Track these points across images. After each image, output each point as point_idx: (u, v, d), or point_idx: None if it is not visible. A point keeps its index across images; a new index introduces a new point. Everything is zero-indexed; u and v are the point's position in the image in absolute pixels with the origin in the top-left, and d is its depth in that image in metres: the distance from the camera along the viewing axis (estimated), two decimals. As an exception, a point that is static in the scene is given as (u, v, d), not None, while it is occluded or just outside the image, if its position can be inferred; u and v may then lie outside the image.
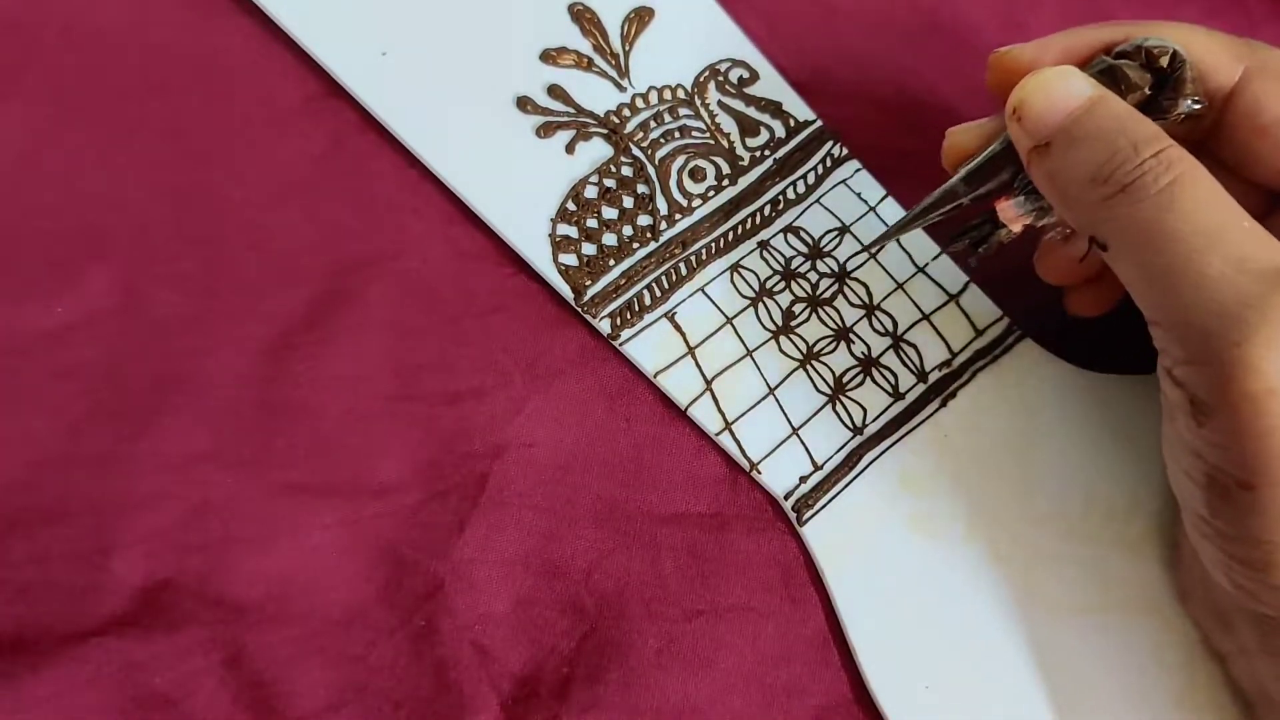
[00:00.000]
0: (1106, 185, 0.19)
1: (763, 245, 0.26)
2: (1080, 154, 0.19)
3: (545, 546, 0.23)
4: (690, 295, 0.25)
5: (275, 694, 0.21)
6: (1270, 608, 0.19)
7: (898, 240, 0.26)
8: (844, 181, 0.27)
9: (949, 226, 0.23)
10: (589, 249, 0.25)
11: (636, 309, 0.25)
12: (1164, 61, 0.20)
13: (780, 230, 0.26)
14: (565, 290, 0.25)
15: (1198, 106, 0.20)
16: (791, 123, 0.27)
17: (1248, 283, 0.17)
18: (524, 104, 0.26)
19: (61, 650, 0.20)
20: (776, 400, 0.24)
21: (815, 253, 0.26)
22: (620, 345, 0.25)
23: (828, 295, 0.26)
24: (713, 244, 0.26)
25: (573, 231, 0.25)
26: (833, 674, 0.23)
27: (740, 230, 0.26)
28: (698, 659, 0.22)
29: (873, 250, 0.26)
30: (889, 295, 0.26)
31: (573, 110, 0.26)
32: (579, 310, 0.25)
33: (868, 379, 0.25)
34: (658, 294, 0.25)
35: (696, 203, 0.26)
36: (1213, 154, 0.21)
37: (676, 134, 0.27)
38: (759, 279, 0.26)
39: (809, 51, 0.29)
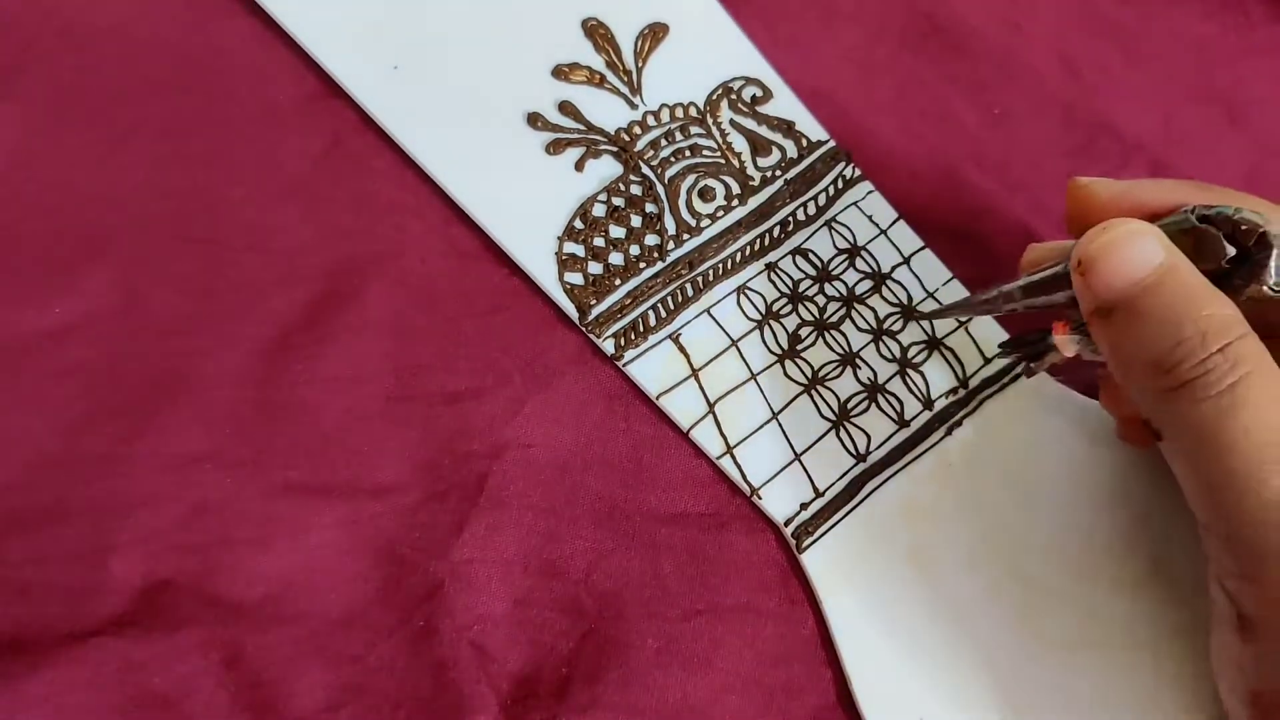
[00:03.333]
0: (1167, 376, 0.19)
1: (771, 267, 0.28)
2: (1143, 332, 0.20)
3: (544, 546, 0.26)
4: (696, 316, 0.28)
5: (274, 694, 0.23)
6: None
7: (908, 265, 0.29)
8: (856, 203, 0.30)
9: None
10: (595, 268, 0.28)
11: (641, 329, 0.27)
12: (1251, 240, 0.20)
13: (789, 252, 0.29)
14: (570, 309, 0.27)
15: (1275, 294, 0.20)
16: (804, 142, 0.30)
17: None
18: (534, 120, 0.29)
19: (60, 650, 0.23)
20: (780, 425, 0.27)
21: (824, 276, 0.28)
22: (624, 366, 0.27)
23: (835, 319, 0.28)
24: (720, 265, 0.28)
25: (579, 250, 0.28)
26: (831, 675, 0.25)
27: (748, 251, 0.29)
28: (696, 659, 0.25)
29: (916, 318, 0.28)
30: (897, 320, 0.28)
31: (583, 127, 0.29)
32: (582, 330, 0.27)
33: (873, 405, 0.27)
34: (663, 315, 0.27)
35: (705, 223, 0.29)
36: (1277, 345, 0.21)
37: (687, 152, 0.29)
38: (766, 301, 0.28)
39: (808, 52, 0.32)
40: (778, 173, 0.30)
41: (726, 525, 0.26)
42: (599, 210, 0.28)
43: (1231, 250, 0.21)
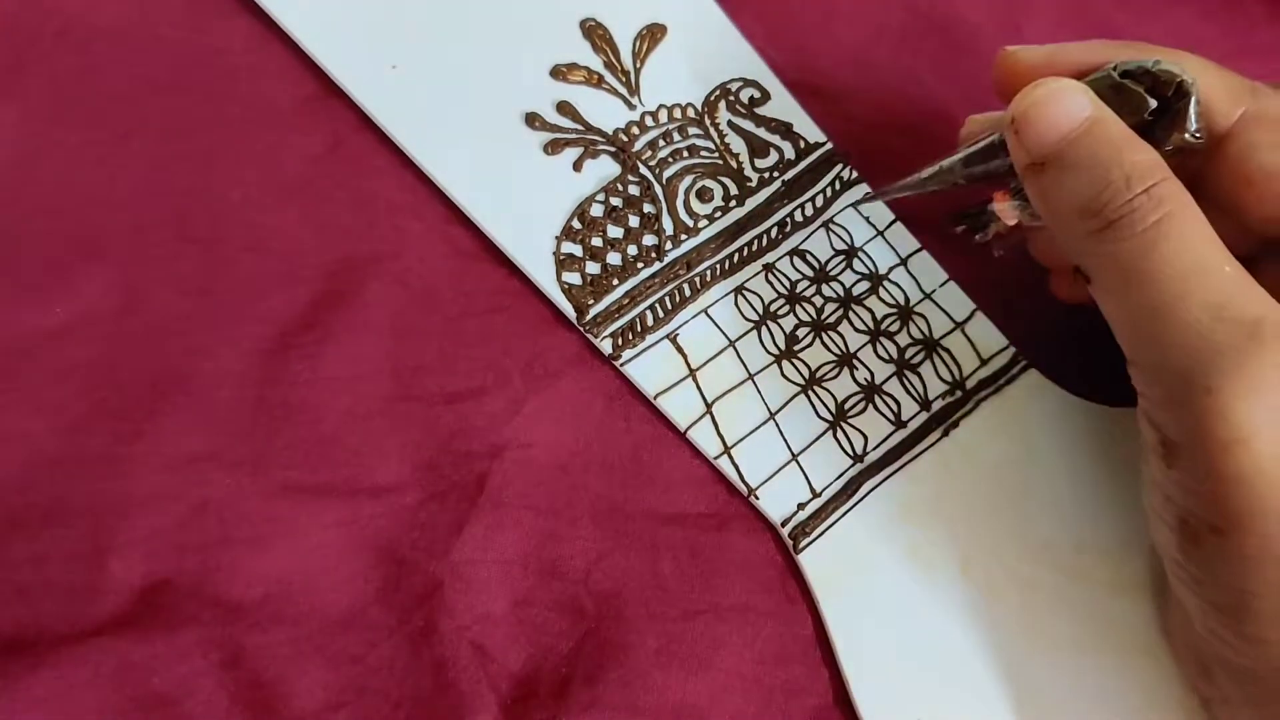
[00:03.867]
0: (1095, 219, 0.21)
1: (768, 268, 0.29)
2: (1073, 181, 0.21)
3: (544, 547, 0.26)
4: (693, 317, 0.28)
5: (274, 694, 0.23)
6: (1246, 658, 0.21)
7: (904, 267, 0.29)
8: (853, 205, 0.30)
9: (948, 206, 0.27)
10: (593, 268, 0.28)
11: (639, 329, 0.27)
12: (1170, 90, 0.22)
13: (786, 253, 0.29)
14: (568, 309, 0.28)
15: (1198, 140, 0.22)
16: (801, 144, 0.30)
17: (1224, 330, 0.19)
18: (532, 120, 0.29)
19: (60, 650, 0.23)
20: (777, 425, 0.27)
21: (821, 277, 0.29)
22: (621, 366, 0.27)
23: (832, 320, 0.28)
24: (718, 265, 0.28)
25: (577, 250, 0.28)
26: (830, 675, 0.25)
27: (746, 252, 0.29)
28: (696, 659, 0.25)
29: (858, 204, 0.29)
30: (894, 321, 0.28)
31: (581, 127, 0.29)
32: (581, 330, 0.27)
33: (870, 406, 0.28)
34: (660, 315, 0.28)
35: (703, 223, 0.29)
36: (1204, 191, 0.23)
37: (685, 153, 0.29)
38: (763, 302, 0.28)
39: (807, 52, 0.33)
40: (775, 174, 0.30)
41: (726, 525, 0.27)
42: (597, 210, 0.29)
43: (1154, 102, 0.22)
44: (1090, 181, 0.21)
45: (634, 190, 0.29)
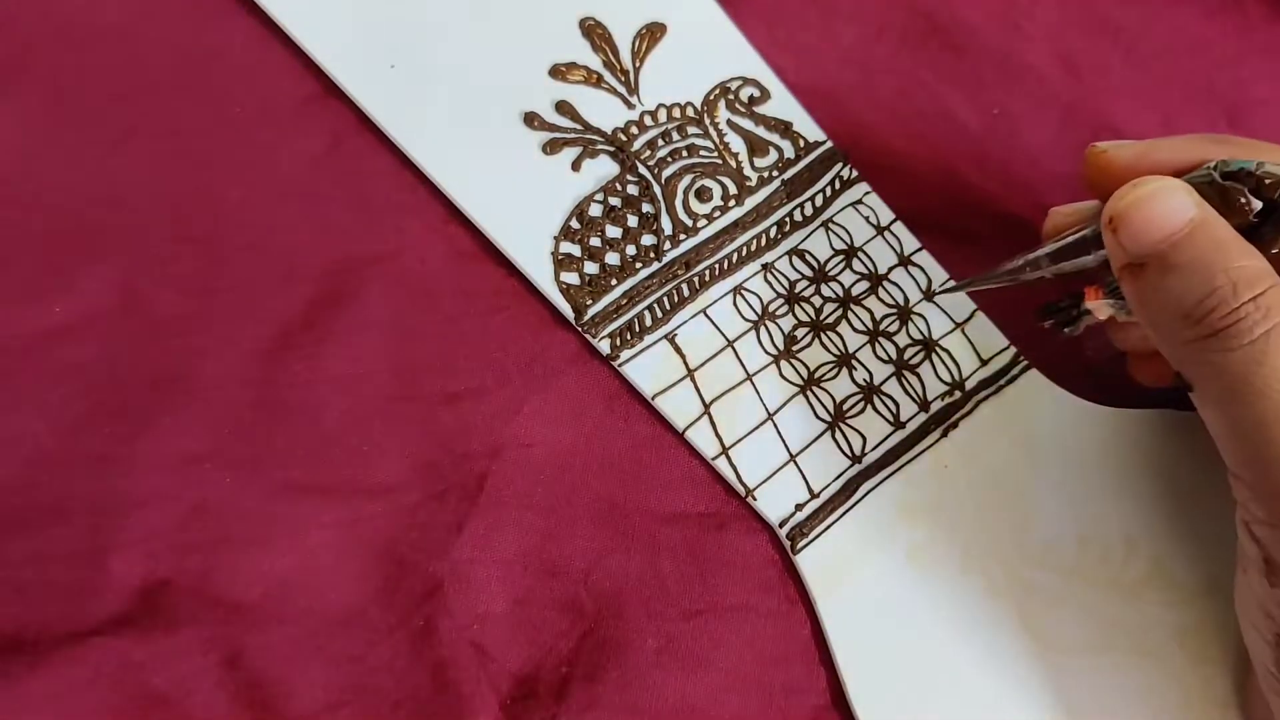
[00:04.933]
0: (1199, 326, 0.20)
1: (767, 268, 0.29)
2: (1175, 285, 0.20)
3: (544, 546, 0.26)
4: (692, 317, 0.28)
5: (274, 694, 0.24)
6: None
7: (905, 267, 0.29)
8: (853, 205, 0.30)
9: (1037, 296, 0.26)
10: (591, 268, 0.28)
11: (637, 330, 0.28)
12: (1276, 193, 0.21)
13: (785, 253, 0.29)
14: (566, 309, 0.28)
15: None
16: (801, 143, 0.30)
17: None
18: (531, 119, 0.29)
19: (60, 650, 0.23)
20: (775, 426, 0.27)
21: (820, 277, 0.29)
22: (619, 366, 0.27)
23: (831, 320, 0.28)
24: (716, 265, 0.29)
25: (575, 249, 0.28)
26: (830, 675, 0.26)
27: (745, 252, 0.29)
28: (696, 659, 0.25)
29: (934, 293, 0.29)
30: (893, 322, 0.28)
31: (580, 127, 0.29)
32: (579, 330, 0.27)
33: (869, 407, 0.28)
34: (659, 315, 0.28)
35: (702, 223, 0.29)
36: None
37: (684, 153, 0.30)
38: (762, 302, 0.28)
39: (807, 52, 0.33)
40: (775, 173, 0.30)
41: (726, 525, 0.27)
42: (595, 210, 0.29)
43: (1258, 204, 0.21)
44: (1194, 287, 0.20)
45: (633, 190, 0.29)
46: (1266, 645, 0.21)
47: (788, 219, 0.30)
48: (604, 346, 0.28)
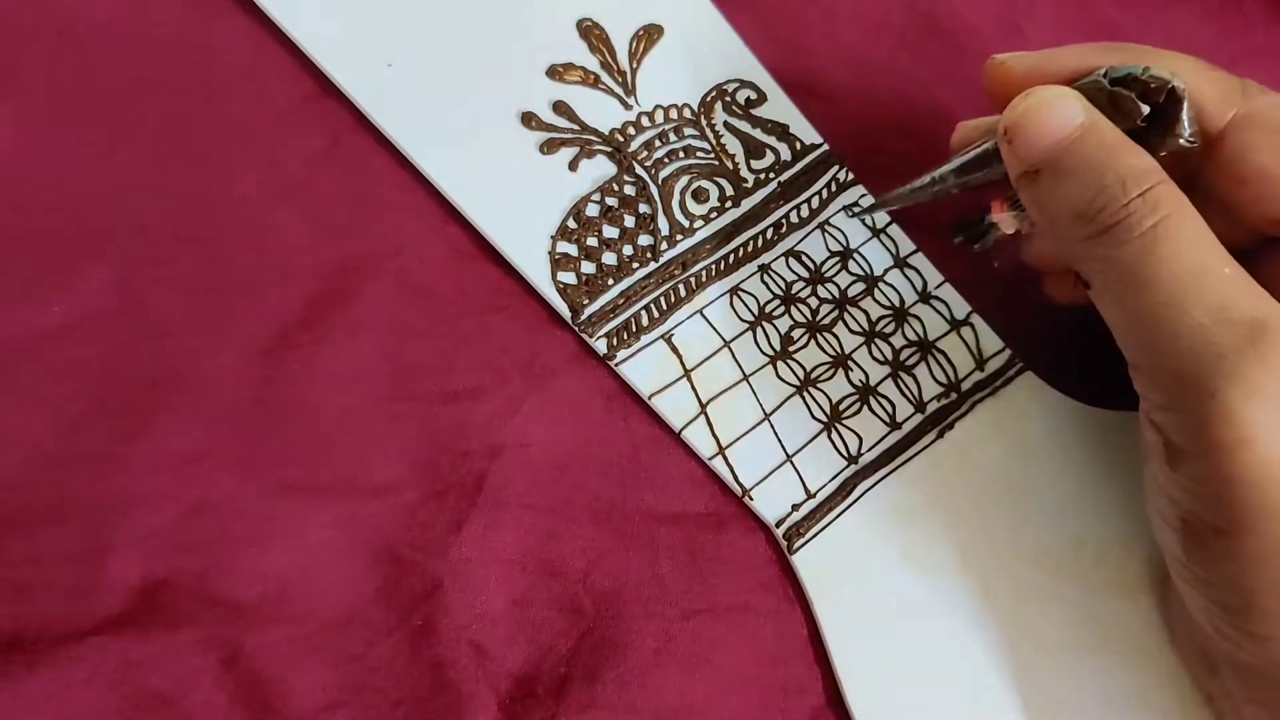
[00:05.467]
0: (1091, 224, 0.21)
1: (763, 269, 0.29)
2: (1068, 187, 0.22)
3: (543, 546, 0.26)
4: (688, 317, 0.28)
5: (273, 694, 0.24)
6: (1251, 655, 0.21)
7: (900, 268, 0.29)
8: (848, 207, 0.30)
9: (946, 214, 0.27)
10: (588, 267, 0.28)
11: (634, 329, 0.28)
12: (1161, 96, 0.22)
13: (782, 254, 0.29)
14: (563, 308, 0.28)
15: (1191, 144, 0.22)
16: (798, 145, 0.30)
17: (1225, 332, 0.19)
18: (528, 119, 0.29)
19: (59, 650, 0.23)
20: (771, 426, 0.27)
21: (816, 278, 0.29)
22: (616, 366, 0.28)
23: (827, 321, 0.29)
24: (713, 266, 0.29)
25: (572, 249, 0.28)
26: (829, 674, 0.26)
27: (741, 253, 0.29)
28: (695, 658, 0.26)
29: (854, 212, 0.30)
30: (890, 323, 0.29)
31: (577, 127, 0.30)
32: (575, 330, 0.28)
33: (865, 407, 0.28)
34: (655, 315, 0.28)
35: (698, 224, 0.29)
36: (1200, 193, 0.23)
37: (681, 154, 0.30)
38: (758, 303, 0.29)
39: (806, 53, 0.33)
40: (771, 175, 0.30)
41: (725, 525, 0.27)
42: (592, 210, 0.29)
43: (1146, 109, 0.22)
44: (1085, 187, 0.21)
45: (630, 190, 0.29)
46: (1174, 532, 0.22)
47: (784, 221, 0.30)
48: (601, 346, 0.28)
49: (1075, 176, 0.21)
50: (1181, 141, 0.22)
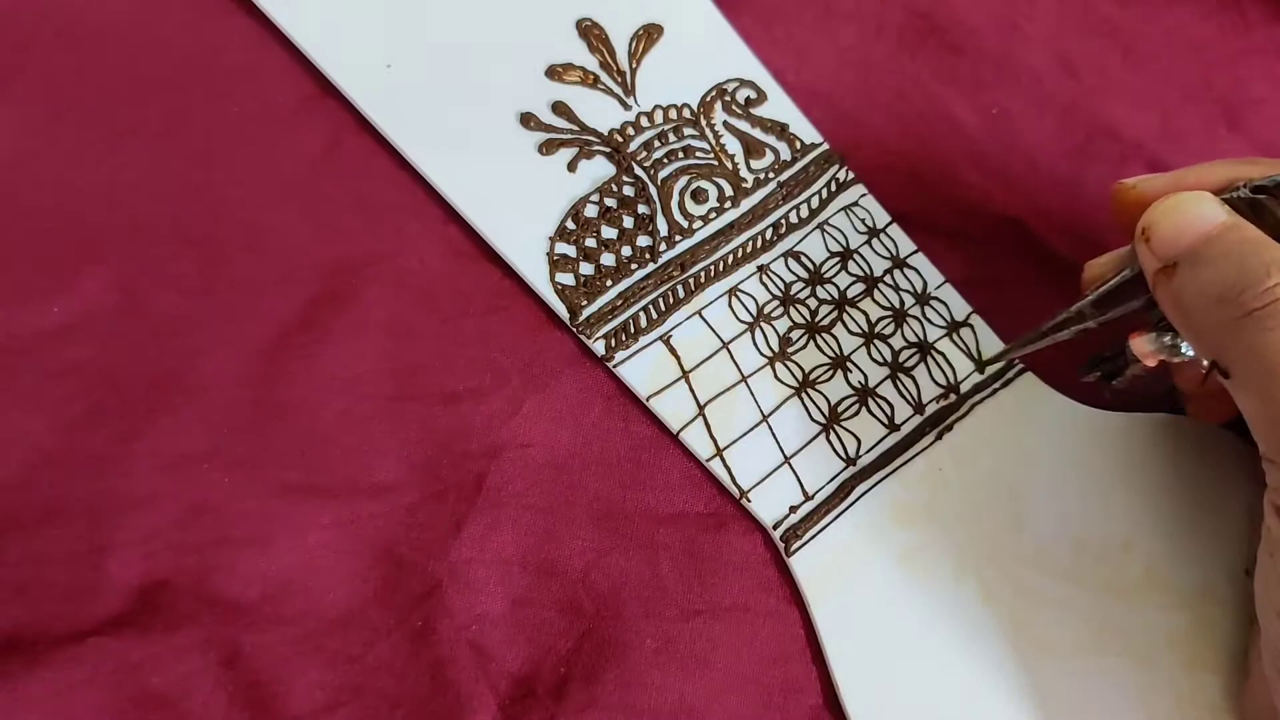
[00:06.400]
0: (1233, 307, 0.20)
1: (762, 270, 0.29)
2: (1208, 274, 0.21)
3: (542, 546, 0.26)
4: (687, 318, 0.28)
5: (272, 694, 0.24)
6: None
7: (900, 269, 0.29)
8: (848, 207, 0.30)
9: (1080, 355, 0.27)
10: (586, 269, 0.28)
11: (632, 331, 0.28)
12: None
13: (781, 255, 0.29)
14: (561, 310, 0.28)
15: None
16: (797, 145, 0.30)
17: None
18: (527, 120, 0.29)
19: (58, 650, 0.23)
20: (769, 428, 0.27)
21: (815, 279, 0.29)
22: (614, 367, 0.28)
23: (826, 323, 0.29)
24: (712, 267, 0.29)
25: (571, 250, 0.28)
26: (828, 674, 0.26)
27: (740, 254, 0.29)
28: (695, 659, 0.26)
29: (989, 360, 0.29)
30: (889, 324, 0.29)
31: (576, 128, 0.30)
32: (574, 331, 0.28)
33: (863, 409, 0.28)
34: (654, 316, 0.28)
35: (697, 224, 0.29)
36: None
37: (680, 154, 0.30)
38: (757, 304, 0.29)
39: (806, 53, 0.33)
40: (770, 175, 0.30)
41: (724, 525, 0.27)
42: (591, 211, 0.29)
43: None
44: (1227, 274, 0.21)
45: (629, 191, 0.29)
46: None
47: (783, 221, 0.30)
48: (599, 347, 0.28)
49: (1216, 265, 0.21)
50: None
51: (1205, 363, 0.22)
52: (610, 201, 0.29)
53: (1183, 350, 0.24)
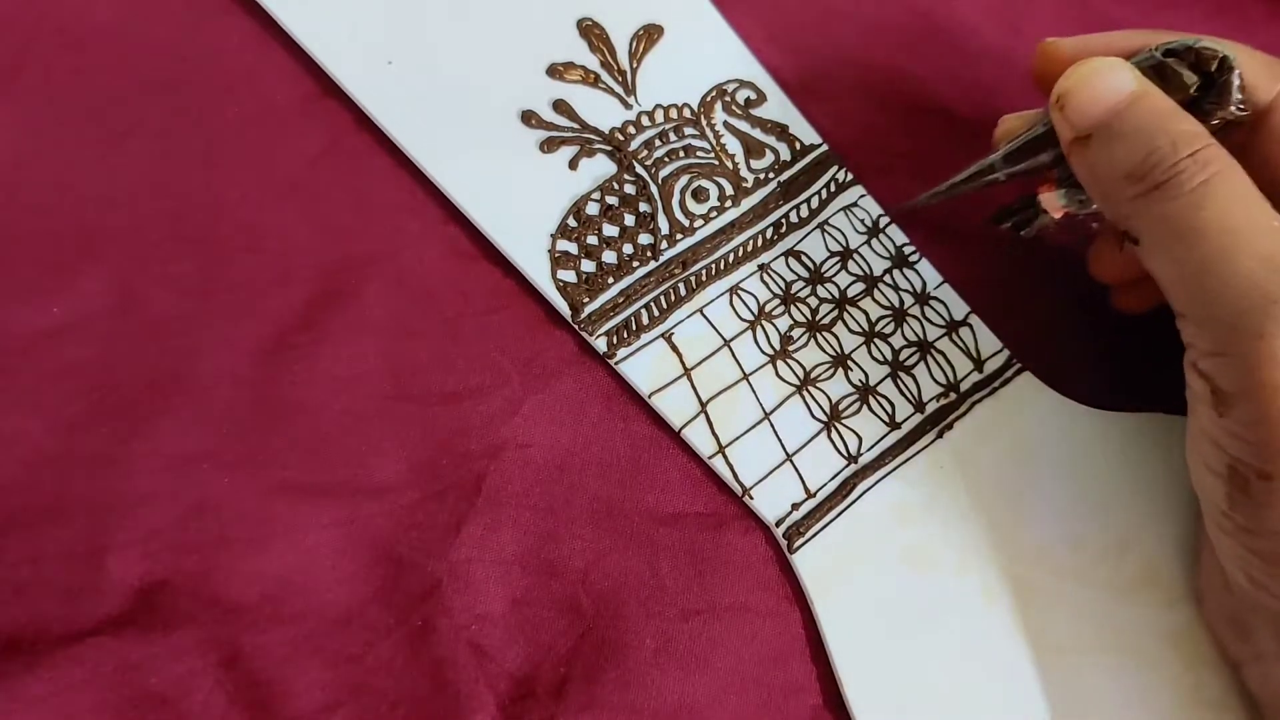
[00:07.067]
0: (1142, 182, 0.22)
1: (763, 268, 0.29)
2: (1119, 149, 0.22)
3: (542, 546, 0.26)
4: (688, 316, 0.28)
5: (272, 694, 0.24)
6: None
7: (900, 269, 0.29)
8: (847, 208, 0.30)
9: (990, 205, 0.27)
10: (588, 266, 0.28)
11: (634, 328, 0.28)
12: (1213, 65, 0.23)
13: (781, 254, 0.29)
14: (563, 307, 0.28)
15: (1242, 113, 0.23)
16: (797, 146, 0.30)
17: (1274, 279, 0.20)
18: (529, 118, 0.29)
19: (57, 650, 0.23)
20: (771, 425, 0.27)
21: (816, 278, 0.29)
22: (616, 364, 0.28)
23: (827, 321, 0.29)
24: (713, 265, 0.29)
25: (572, 248, 0.28)
26: (829, 673, 0.26)
27: (741, 252, 0.29)
28: (695, 659, 0.25)
29: (899, 209, 0.30)
30: (889, 323, 0.29)
31: (577, 126, 0.29)
32: (576, 328, 0.27)
33: (864, 407, 0.28)
34: (655, 314, 0.28)
35: (698, 223, 0.29)
36: (1248, 163, 0.23)
37: (681, 153, 0.30)
38: (758, 302, 0.28)
39: (806, 52, 0.33)
40: (770, 175, 0.30)
41: (725, 525, 0.27)
42: (592, 208, 0.29)
43: (1197, 79, 0.23)
44: (1137, 148, 0.22)
45: (630, 189, 0.29)
46: (1218, 480, 0.22)
47: (784, 220, 0.30)
48: (600, 345, 0.28)
49: (1126, 139, 0.22)
50: (1233, 110, 0.23)
51: (1119, 231, 0.23)
52: (611, 199, 0.29)
53: (1090, 204, 0.25)
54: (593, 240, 0.29)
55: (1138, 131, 0.22)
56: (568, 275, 0.28)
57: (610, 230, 0.29)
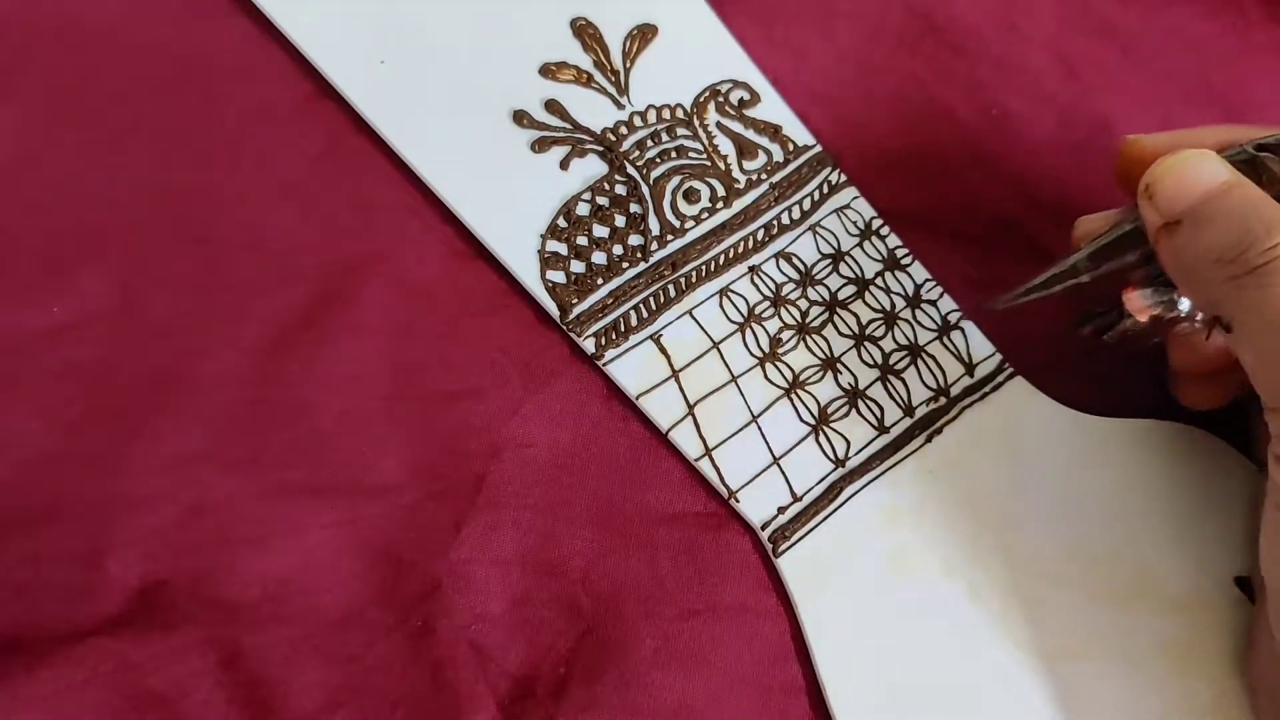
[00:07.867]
0: (1235, 265, 0.21)
1: (754, 270, 0.29)
2: (1210, 233, 0.21)
3: (542, 546, 0.26)
4: (678, 318, 0.28)
5: (272, 694, 0.24)
6: None
7: (892, 271, 0.29)
8: (840, 210, 0.30)
9: (1074, 306, 0.27)
10: (578, 266, 0.28)
11: (622, 329, 0.28)
12: None
13: (772, 256, 0.29)
14: (551, 307, 0.28)
15: None
16: (790, 146, 0.30)
17: None
18: (520, 118, 0.29)
19: (57, 650, 0.23)
20: (759, 428, 0.27)
21: (806, 280, 0.29)
22: (604, 365, 0.28)
23: (817, 324, 0.29)
24: (703, 267, 0.29)
25: (562, 248, 0.28)
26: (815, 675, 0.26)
27: (732, 254, 0.29)
28: (694, 659, 0.25)
29: (987, 309, 0.28)
30: (879, 327, 0.29)
31: (569, 126, 0.29)
32: (564, 328, 0.28)
33: (853, 410, 0.28)
34: (645, 315, 0.28)
35: (689, 224, 0.29)
36: None
37: (673, 154, 0.30)
38: (748, 304, 0.29)
39: (805, 53, 0.33)
40: (763, 176, 0.30)
41: (724, 525, 0.27)
42: (583, 209, 0.29)
43: None
44: (1230, 230, 0.21)
45: (621, 190, 0.29)
46: None
47: (775, 222, 0.30)
48: (589, 345, 0.28)
49: (1218, 223, 0.21)
50: None
51: (1199, 319, 0.22)
52: (602, 200, 0.29)
53: (1177, 305, 0.24)
54: (583, 241, 0.29)
55: (1230, 215, 0.21)
56: (557, 276, 0.28)
57: (600, 231, 0.29)
